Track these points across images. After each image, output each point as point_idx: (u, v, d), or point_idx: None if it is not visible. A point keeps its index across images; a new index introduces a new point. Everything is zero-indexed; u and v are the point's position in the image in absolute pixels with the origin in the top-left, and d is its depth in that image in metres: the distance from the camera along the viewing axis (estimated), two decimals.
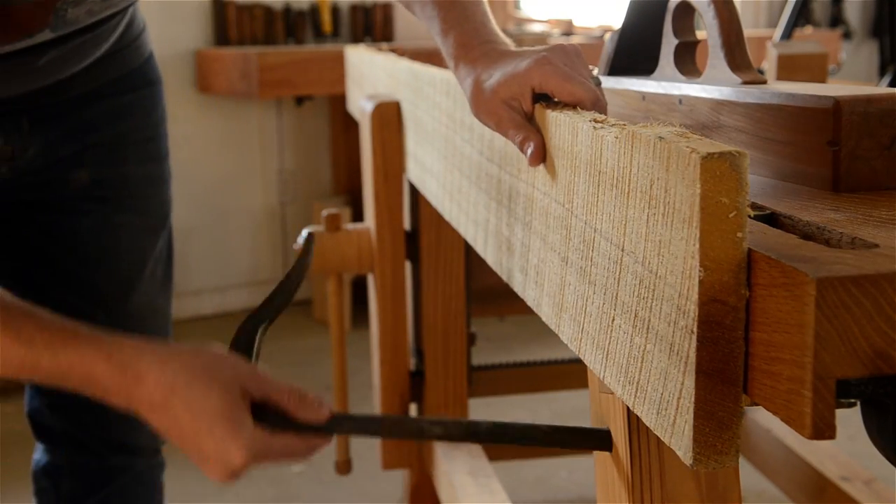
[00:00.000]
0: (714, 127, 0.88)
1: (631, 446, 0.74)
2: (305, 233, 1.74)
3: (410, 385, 1.77)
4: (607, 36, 1.10)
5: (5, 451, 2.36)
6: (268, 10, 3.42)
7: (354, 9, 3.57)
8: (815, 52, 1.93)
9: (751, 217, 0.53)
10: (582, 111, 0.76)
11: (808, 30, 3.80)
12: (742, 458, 0.53)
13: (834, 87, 0.79)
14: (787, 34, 2.46)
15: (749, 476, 2.03)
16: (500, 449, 1.86)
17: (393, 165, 1.63)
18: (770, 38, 2.74)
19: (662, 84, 0.98)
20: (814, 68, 1.90)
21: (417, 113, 1.42)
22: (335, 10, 3.54)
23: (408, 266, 1.73)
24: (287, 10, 3.47)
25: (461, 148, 1.10)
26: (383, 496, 2.18)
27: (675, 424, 0.56)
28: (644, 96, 1.00)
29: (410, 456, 1.83)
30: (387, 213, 1.66)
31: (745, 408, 0.55)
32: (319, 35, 3.51)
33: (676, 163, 0.54)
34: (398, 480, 2.14)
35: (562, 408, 2.60)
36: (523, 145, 0.79)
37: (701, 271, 0.52)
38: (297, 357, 3.06)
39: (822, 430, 0.48)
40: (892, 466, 0.55)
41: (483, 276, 1.78)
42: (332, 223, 1.72)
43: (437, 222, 1.66)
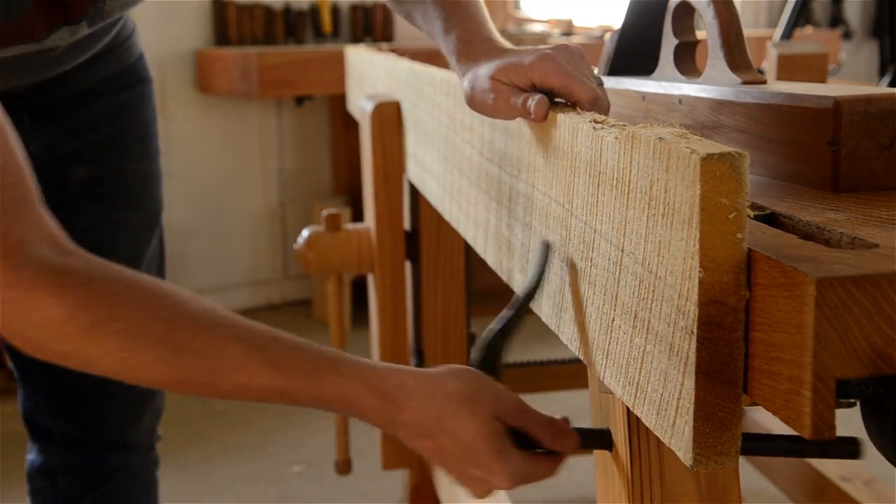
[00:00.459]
0: (714, 127, 0.88)
1: (631, 446, 0.74)
2: (306, 233, 1.74)
3: None
4: (607, 36, 1.10)
5: (5, 451, 2.36)
6: (268, 10, 3.42)
7: (354, 9, 3.57)
8: (815, 52, 1.93)
9: (751, 217, 0.53)
10: (582, 112, 0.76)
11: (808, 30, 3.80)
12: (742, 458, 0.53)
13: (834, 87, 0.79)
14: (787, 34, 2.46)
15: (749, 476, 2.03)
16: None
17: (393, 165, 1.63)
18: (770, 38, 2.74)
19: (662, 84, 0.98)
20: (814, 68, 1.90)
21: (417, 113, 1.42)
22: (335, 10, 3.54)
23: (408, 266, 1.73)
24: (287, 10, 3.47)
25: (461, 148, 1.10)
26: (383, 496, 2.18)
27: (674, 425, 0.56)
28: (644, 96, 1.00)
29: (410, 456, 1.83)
30: (387, 213, 1.66)
31: (745, 408, 0.55)
32: (319, 35, 3.51)
33: (676, 164, 0.54)
34: (398, 480, 2.14)
35: (562, 408, 2.60)
36: (525, 104, 0.78)
37: (701, 272, 0.52)
38: None
39: (822, 429, 0.48)
40: (892, 466, 0.55)
41: (483, 276, 1.78)
42: (332, 223, 1.72)
43: (437, 222, 1.66)
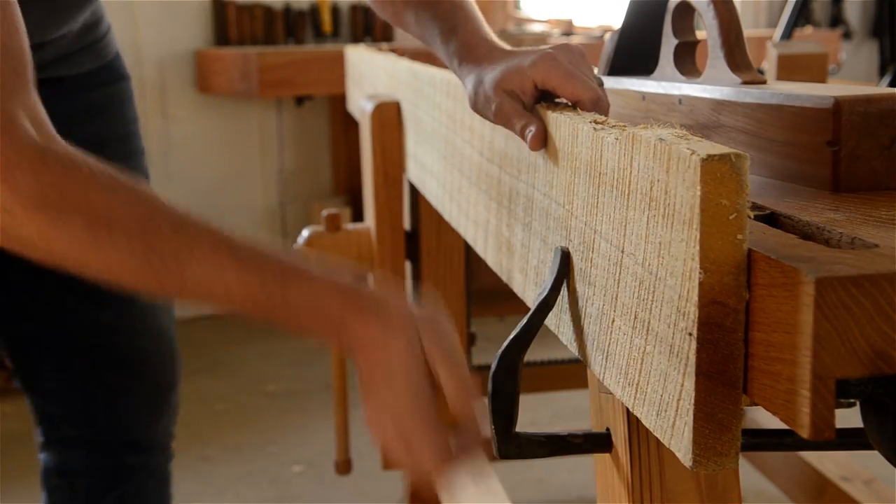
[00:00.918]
0: (714, 127, 0.88)
1: (631, 447, 0.74)
2: (306, 233, 1.74)
3: None
4: (607, 36, 1.10)
5: (5, 451, 2.36)
6: (268, 10, 3.42)
7: (354, 9, 3.57)
8: (815, 52, 1.93)
9: (751, 218, 0.53)
10: (582, 112, 0.76)
11: (808, 30, 3.80)
12: (742, 458, 0.54)
13: (834, 87, 0.79)
14: (787, 34, 2.46)
15: (749, 476, 2.03)
16: None
17: (393, 165, 1.63)
18: (770, 38, 2.74)
19: (662, 84, 0.98)
20: (814, 68, 1.90)
21: (417, 113, 1.42)
22: (335, 10, 3.54)
23: (408, 266, 1.73)
24: (287, 10, 3.47)
25: (461, 148, 1.10)
26: (383, 496, 2.18)
27: (674, 426, 0.56)
28: (644, 96, 1.00)
29: None
30: (387, 213, 1.66)
31: (745, 408, 0.55)
32: (319, 35, 3.51)
33: (677, 164, 0.54)
34: (398, 480, 2.14)
35: (562, 408, 2.60)
36: (524, 130, 0.78)
37: (701, 273, 0.52)
38: (297, 357, 3.06)
39: (822, 429, 0.48)
40: (892, 466, 0.55)
41: (483, 276, 1.78)
42: (332, 223, 1.72)
43: (437, 222, 1.66)
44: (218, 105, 3.39)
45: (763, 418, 1.91)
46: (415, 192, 1.66)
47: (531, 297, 0.85)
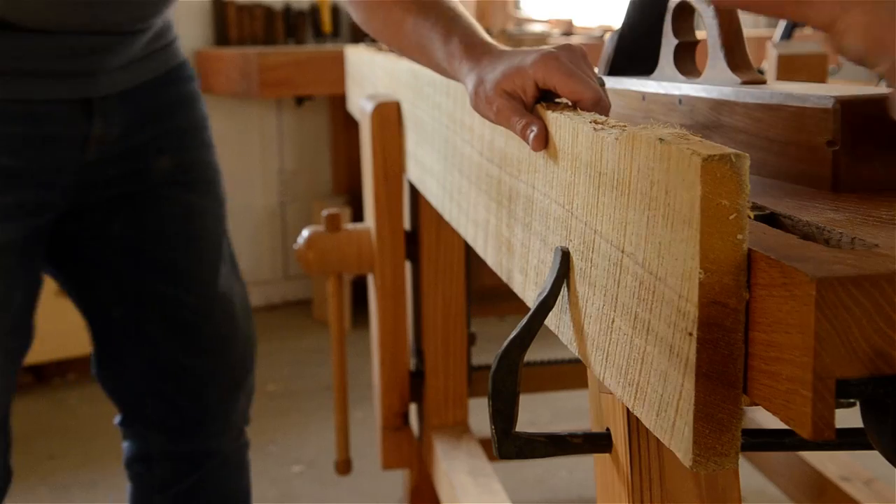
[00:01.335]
0: (714, 127, 0.88)
1: (630, 447, 0.74)
2: (306, 233, 1.74)
3: (410, 385, 1.77)
4: (607, 36, 1.10)
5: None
6: (268, 10, 3.42)
7: None
8: (815, 52, 1.94)
9: (751, 218, 0.53)
10: (583, 112, 0.76)
11: (809, 30, 3.80)
12: (742, 458, 0.54)
13: (834, 87, 0.79)
14: (787, 34, 2.46)
15: (749, 476, 2.03)
16: None
17: (393, 165, 1.63)
18: (770, 38, 2.74)
19: (662, 84, 0.98)
20: (814, 68, 1.90)
21: (417, 113, 1.42)
22: (335, 10, 3.54)
23: (408, 266, 1.73)
24: (287, 10, 3.47)
25: (461, 148, 1.10)
26: (383, 496, 2.18)
27: (674, 426, 0.56)
28: (644, 96, 1.01)
29: (410, 456, 1.83)
30: (387, 213, 1.66)
31: (745, 408, 0.55)
32: (319, 35, 3.51)
33: (677, 165, 0.54)
34: (398, 480, 2.14)
35: (562, 408, 2.60)
36: (525, 131, 0.79)
37: (701, 273, 0.52)
38: (297, 357, 3.06)
39: (822, 429, 0.48)
40: (892, 466, 0.55)
41: (483, 276, 1.78)
42: (332, 223, 1.72)
43: (437, 222, 1.66)
44: (218, 105, 3.39)
45: (763, 418, 1.91)
46: (415, 192, 1.66)
47: (531, 297, 0.85)
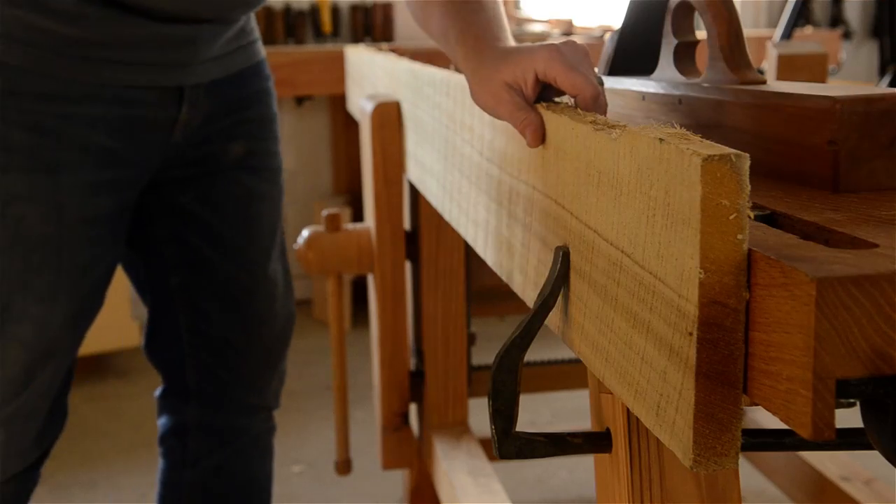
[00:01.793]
0: (714, 127, 0.88)
1: (631, 447, 0.74)
2: (306, 233, 1.74)
3: (410, 385, 1.77)
4: (607, 36, 1.10)
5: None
6: (268, 10, 3.42)
7: (354, 9, 3.57)
8: (815, 52, 1.94)
9: (751, 218, 0.53)
10: (582, 112, 0.76)
11: (808, 30, 3.80)
12: (742, 458, 0.54)
13: (834, 87, 0.79)
14: (787, 34, 2.47)
15: (749, 476, 2.03)
16: None
17: (393, 165, 1.63)
18: (770, 38, 2.74)
19: (662, 84, 0.98)
20: (814, 68, 1.90)
21: (417, 113, 1.42)
22: (335, 10, 3.54)
23: (408, 266, 1.73)
24: (287, 10, 3.47)
25: (461, 148, 1.10)
26: (383, 496, 2.18)
27: (674, 426, 0.56)
28: (644, 96, 1.01)
29: (410, 456, 1.83)
30: (387, 213, 1.66)
31: (745, 408, 0.55)
32: (319, 35, 3.51)
33: (677, 165, 0.54)
34: (398, 480, 2.14)
35: (562, 408, 2.60)
36: (523, 125, 0.80)
37: (701, 273, 0.52)
38: (297, 357, 3.05)
39: (822, 429, 0.48)
40: (892, 466, 0.55)
41: (483, 276, 1.78)
42: (332, 223, 1.72)
43: (437, 222, 1.66)
44: None
45: (763, 418, 1.91)
46: (415, 192, 1.66)
47: (531, 297, 0.85)
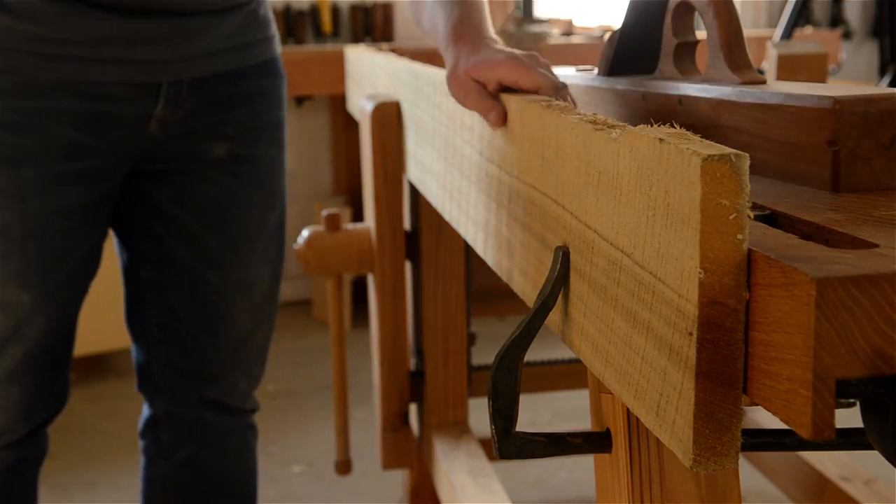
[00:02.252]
0: (714, 127, 0.88)
1: (630, 447, 0.74)
2: (306, 233, 1.74)
3: (410, 385, 1.77)
4: (607, 36, 1.10)
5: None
6: None
7: (354, 9, 3.57)
8: (815, 52, 1.94)
9: (751, 218, 0.53)
10: (582, 112, 0.76)
11: (808, 30, 3.80)
12: (742, 458, 0.54)
13: (834, 87, 0.79)
14: (787, 34, 2.47)
15: (749, 476, 2.03)
16: None
17: (393, 165, 1.63)
18: (770, 38, 2.74)
19: (662, 84, 0.98)
20: (814, 68, 1.90)
21: (417, 113, 1.42)
22: (335, 10, 3.54)
23: (408, 266, 1.73)
24: (287, 10, 3.47)
25: (461, 148, 1.10)
26: (383, 496, 2.18)
27: (674, 426, 0.56)
28: (644, 96, 1.01)
29: (410, 456, 1.83)
30: (387, 213, 1.66)
31: (745, 408, 0.55)
32: (319, 35, 3.51)
33: (677, 164, 0.54)
34: (398, 480, 2.14)
35: (562, 408, 2.60)
36: (486, 111, 0.93)
37: (701, 273, 0.52)
38: (297, 357, 3.06)
39: (822, 430, 0.48)
40: (892, 466, 0.55)
41: (483, 276, 1.78)
42: (332, 223, 1.72)
43: (437, 222, 1.66)
44: None
45: (763, 418, 1.91)
46: (415, 192, 1.66)
47: (531, 297, 0.85)
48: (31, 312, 1.20)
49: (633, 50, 1.05)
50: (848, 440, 0.69)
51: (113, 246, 1.40)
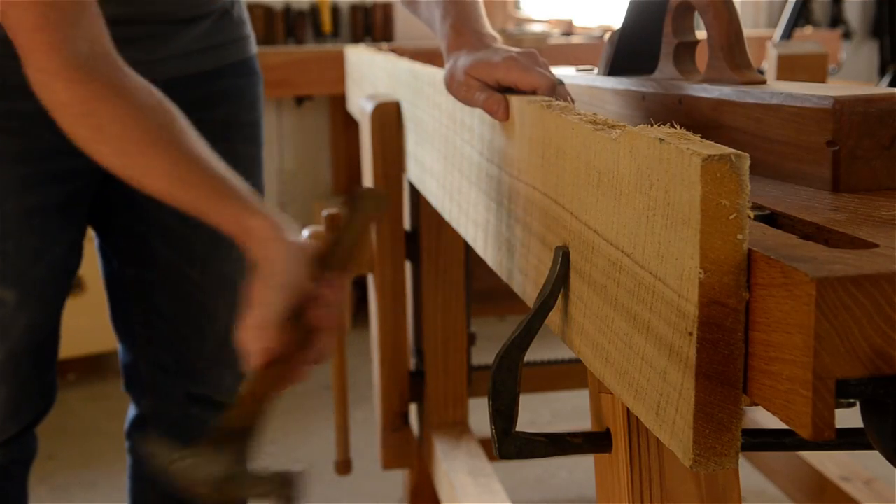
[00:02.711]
0: (714, 127, 0.88)
1: (631, 447, 0.74)
2: (306, 233, 1.74)
3: (410, 385, 1.77)
4: (607, 36, 1.10)
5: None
6: (268, 10, 3.42)
7: (354, 9, 3.57)
8: (815, 52, 1.94)
9: (751, 218, 0.53)
10: (581, 112, 0.76)
11: (808, 30, 3.80)
12: (742, 458, 0.54)
13: (834, 87, 0.79)
14: (787, 34, 2.47)
15: (749, 476, 2.03)
16: None
17: (393, 165, 1.63)
18: (770, 38, 2.74)
19: (662, 84, 0.98)
20: (814, 68, 1.90)
21: (417, 113, 1.42)
22: (335, 10, 3.54)
23: (408, 266, 1.73)
24: (287, 10, 3.47)
25: (461, 148, 1.10)
26: (383, 496, 2.18)
27: (674, 426, 0.56)
28: (644, 96, 1.01)
29: (410, 456, 1.83)
30: (387, 213, 1.66)
31: (745, 408, 0.55)
32: (319, 35, 3.51)
33: (677, 164, 0.54)
34: (398, 480, 2.14)
35: (562, 408, 2.60)
36: (490, 104, 0.93)
37: (701, 273, 0.52)
38: None
39: (822, 430, 0.48)
40: (892, 466, 0.55)
41: (483, 276, 1.78)
42: (332, 223, 1.72)
43: (437, 222, 1.66)
44: None
45: (763, 418, 1.91)
46: (415, 192, 1.66)
47: (531, 297, 0.85)
48: (14, 311, 1.21)
49: (633, 50, 1.05)
50: (848, 440, 0.69)
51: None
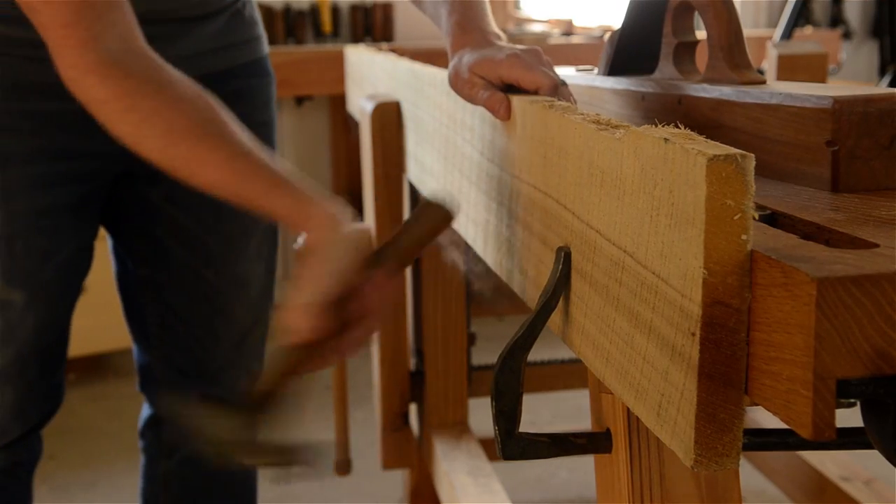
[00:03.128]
0: (714, 127, 0.88)
1: (631, 447, 0.74)
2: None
3: (410, 385, 1.77)
4: (607, 36, 1.10)
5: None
6: (268, 10, 3.42)
7: (354, 9, 3.57)
8: (815, 52, 1.94)
9: (755, 219, 0.53)
10: (585, 112, 0.76)
11: (808, 30, 3.80)
12: (742, 458, 0.53)
13: (834, 87, 0.79)
14: (787, 34, 2.47)
15: (749, 476, 2.03)
16: None
17: (393, 165, 1.63)
18: (770, 38, 2.74)
19: (662, 84, 0.98)
20: (814, 68, 1.90)
21: (417, 113, 1.42)
22: (335, 10, 3.54)
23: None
24: (287, 10, 3.47)
25: (461, 148, 1.10)
26: (383, 496, 2.18)
27: (675, 426, 0.56)
28: (644, 96, 1.01)
29: (410, 456, 1.83)
30: (387, 213, 1.66)
31: (746, 408, 0.55)
32: (319, 35, 3.51)
33: (682, 164, 0.54)
34: (398, 480, 2.14)
35: (562, 408, 2.60)
36: (492, 103, 0.93)
37: (705, 273, 0.52)
38: None
39: (822, 430, 0.48)
40: (892, 466, 0.55)
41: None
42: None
43: None
44: None
45: (764, 418, 1.91)
46: (415, 192, 1.66)
47: (531, 297, 0.85)
48: (21, 311, 1.21)
49: (633, 50, 1.05)
50: (848, 440, 0.69)
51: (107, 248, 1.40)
